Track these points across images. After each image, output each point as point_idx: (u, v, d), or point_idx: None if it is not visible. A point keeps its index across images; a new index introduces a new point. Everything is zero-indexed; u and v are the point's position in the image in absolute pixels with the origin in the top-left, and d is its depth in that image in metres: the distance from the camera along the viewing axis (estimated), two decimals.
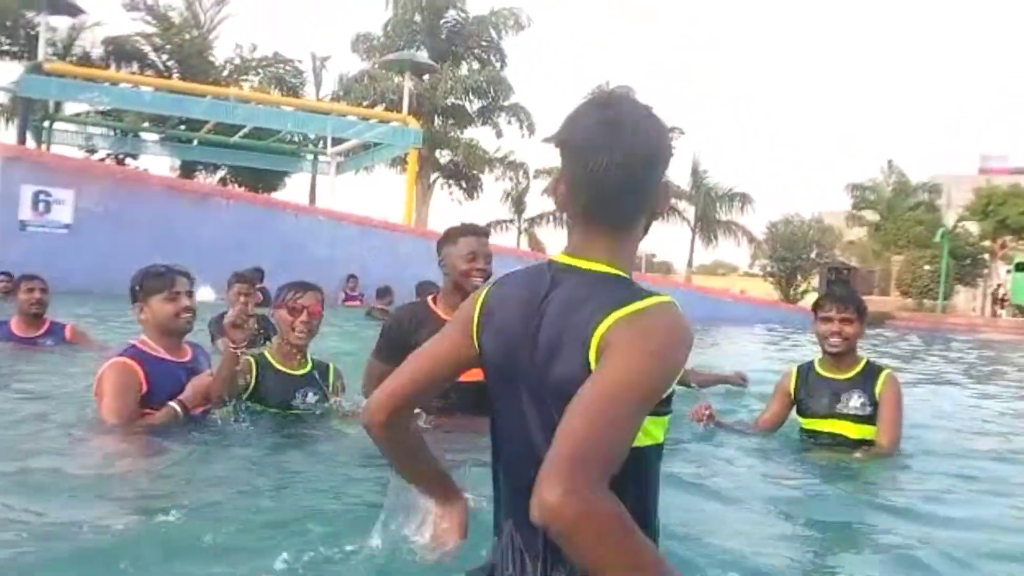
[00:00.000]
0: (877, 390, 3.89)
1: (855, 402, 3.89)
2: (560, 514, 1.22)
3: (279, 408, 3.90)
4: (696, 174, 39.92)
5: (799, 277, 40.66)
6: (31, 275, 6.25)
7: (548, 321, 1.54)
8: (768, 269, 41.55)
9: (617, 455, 1.33)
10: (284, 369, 3.94)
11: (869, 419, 3.88)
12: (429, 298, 4.03)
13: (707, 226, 40.51)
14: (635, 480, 1.50)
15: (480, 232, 4.02)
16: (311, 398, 3.95)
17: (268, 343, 5.87)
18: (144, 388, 3.52)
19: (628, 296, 1.49)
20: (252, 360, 3.88)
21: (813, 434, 4.05)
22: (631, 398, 1.36)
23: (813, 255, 40.68)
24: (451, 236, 3.96)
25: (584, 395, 1.36)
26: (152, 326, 3.61)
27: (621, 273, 1.57)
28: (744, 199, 40.33)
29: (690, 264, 42.73)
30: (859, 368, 3.98)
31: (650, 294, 1.50)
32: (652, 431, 1.51)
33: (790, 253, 38.69)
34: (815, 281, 41.07)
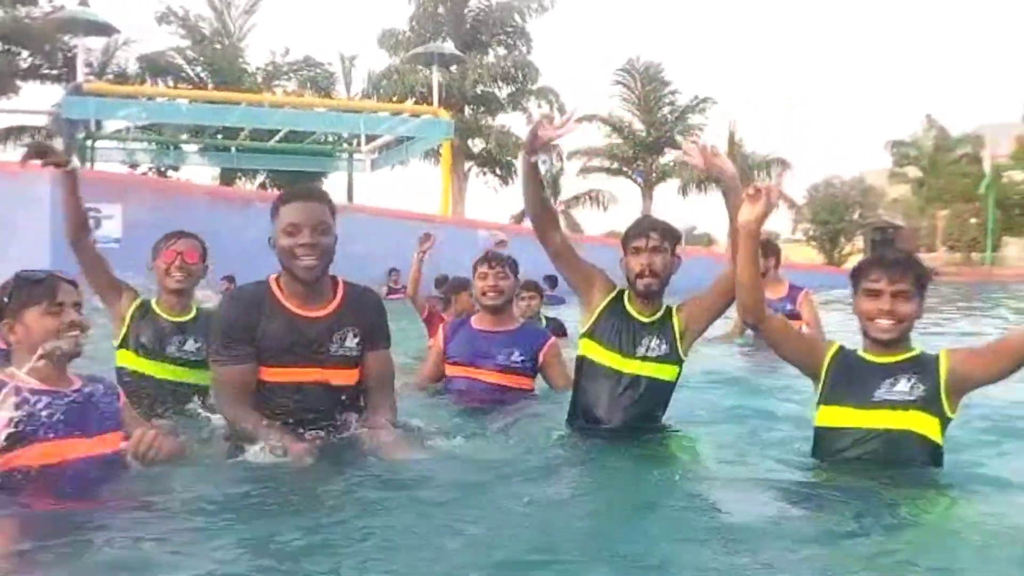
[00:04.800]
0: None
1: (902, 386, 2.85)
2: None
3: (153, 354, 3.75)
4: (732, 143, 39.63)
5: (843, 239, 40.23)
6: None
7: None
8: (810, 234, 41.15)
9: None
10: (163, 314, 3.78)
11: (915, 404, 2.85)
12: (272, 279, 3.14)
13: None
14: None
15: (305, 195, 3.12)
16: (190, 345, 3.77)
17: None
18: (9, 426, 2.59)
19: None
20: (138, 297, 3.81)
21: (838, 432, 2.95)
22: None
23: (856, 216, 40.21)
24: (275, 206, 3.08)
25: None
26: (26, 347, 2.73)
27: None
28: (782, 164, 39.94)
29: (730, 235, 42.36)
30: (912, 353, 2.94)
31: None
32: None
33: (832, 216, 38.26)
34: (860, 242, 40.67)
